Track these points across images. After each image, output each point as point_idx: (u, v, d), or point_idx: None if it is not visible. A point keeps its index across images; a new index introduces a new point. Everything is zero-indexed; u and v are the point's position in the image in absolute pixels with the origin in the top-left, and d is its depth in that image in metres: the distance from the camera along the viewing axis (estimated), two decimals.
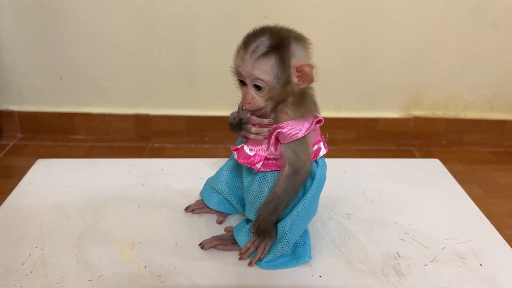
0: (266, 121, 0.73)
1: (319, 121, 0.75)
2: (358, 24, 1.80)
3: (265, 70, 0.68)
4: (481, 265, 0.79)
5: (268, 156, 0.75)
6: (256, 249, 0.77)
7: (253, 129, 0.72)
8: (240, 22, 1.77)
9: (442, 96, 1.95)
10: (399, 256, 0.80)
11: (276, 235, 0.76)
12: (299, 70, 0.70)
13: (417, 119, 1.96)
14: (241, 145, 0.76)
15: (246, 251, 0.77)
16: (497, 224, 0.92)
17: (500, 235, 0.87)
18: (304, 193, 0.76)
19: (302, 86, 0.72)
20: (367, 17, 1.79)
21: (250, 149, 0.75)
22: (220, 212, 0.89)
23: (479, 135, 1.99)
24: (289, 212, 0.75)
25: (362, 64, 1.87)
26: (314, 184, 0.75)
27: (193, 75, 1.87)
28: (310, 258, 0.78)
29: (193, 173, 1.05)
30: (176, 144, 1.91)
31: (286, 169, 0.74)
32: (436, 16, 1.80)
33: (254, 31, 0.71)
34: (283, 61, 0.68)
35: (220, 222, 0.88)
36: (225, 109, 1.88)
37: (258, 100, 0.71)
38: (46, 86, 1.87)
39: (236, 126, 0.74)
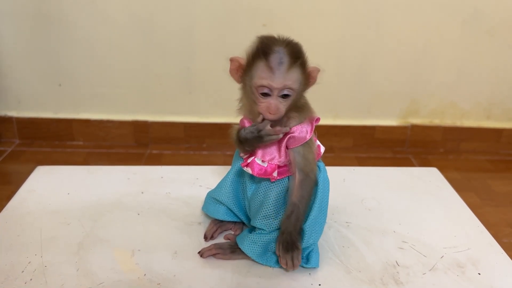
0: (287, 128, 0.74)
1: (317, 120, 0.77)
2: (356, 32, 1.81)
3: (295, 79, 0.71)
4: (479, 274, 0.79)
5: (279, 164, 0.76)
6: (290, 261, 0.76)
7: (276, 135, 0.73)
8: (239, 30, 1.78)
9: (439, 104, 1.96)
10: (398, 265, 0.81)
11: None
12: (310, 75, 0.73)
13: (414, 127, 1.97)
14: (251, 159, 0.76)
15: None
16: (494, 233, 0.92)
17: (498, 244, 0.87)
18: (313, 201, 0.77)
19: (312, 84, 0.75)
20: (364, 26, 1.80)
21: (262, 161, 0.76)
22: (233, 225, 0.89)
23: (476, 143, 2.00)
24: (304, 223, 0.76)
25: (359, 72, 1.89)
26: (319, 189, 0.77)
27: (192, 82, 1.88)
28: (318, 266, 0.79)
29: (193, 181, 1.05)
30: (174, 150, 1.91)
31: (297, 176, 0.75)
32: (433, 25, 1.81)
33: (265, 43, 0.71)
34: (305, 68, 0.72)
35: (238, 234, 0.87)
36: (223, 116, 1.90)
37: (282, 109, 0.73)
38: (45, 92, 1.87)
39: (255, 140, 0.74)
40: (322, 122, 0.77)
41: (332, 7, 1.77)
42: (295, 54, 0.71)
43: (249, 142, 0.75)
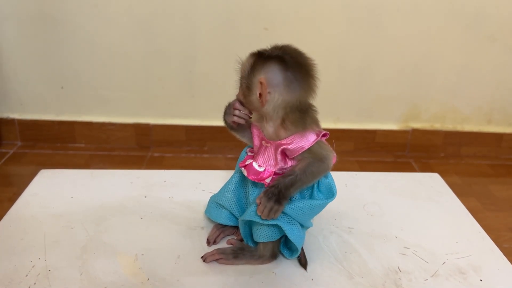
0: (246, 110, 0.78)
1: (324, 135, 0.77)
2: (358, 37, 1.82)
3: (243, 66, 0.75)
4: (481, 280, 0.80)
5: (277, 171, 0.76)
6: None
7: (236, 112, 0.79)
8: (240, 34, 1.78)
9: (440, 108, 1.96)
10: (400, 271, 0.81)
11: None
12: (261, 87, 0.72)
13: (415, 131, 1.98)
14: (249, 162, 0.77)
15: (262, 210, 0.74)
16: (494, 237, 0.93)
17: (499, 250, 0.88)
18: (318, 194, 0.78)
19: (261, 106, 0.74)
20: (366, 30, 1.81)
21: (259, 165, 0.76)
22: (236, 229, 0.89)
23: (477, 148, 2.01)
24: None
25: (361, 76, 1.89)
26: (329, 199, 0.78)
27: (193, 85, 1.88)
28: (298, 252, 0.80)
29: (195, 185, 1.05)
30: (176, 153, 1.92)
31: (308, 159, 0.75)
32: (435, 30, 1.82)
33: (276, 45, 0.75)
34: (254, 68, 0.73)
35: (241, 240, 0.87)
36: None
37: (240, 91, 0.77)
38: (47, 95, 1.88)
39: (225, 113, 0.81)
40: (323, 125, 0.77)
41: (333, 11, 1.77)
42: (260, 56, 0.73)
43: (223, 119, 0.82)
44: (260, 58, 0.72)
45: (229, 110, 0.80)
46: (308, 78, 0.73)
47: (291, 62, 0.72)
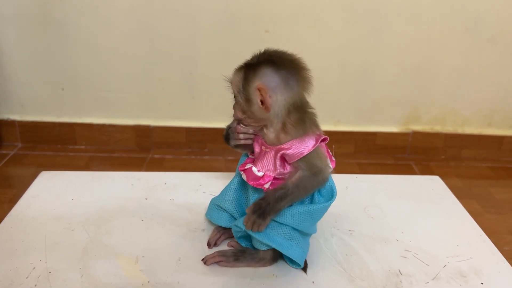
0: (251, 130, 0.78)
1: (324, 140, 0.77)
2: (358, 39, 1.82)
3: (234, 82, 0.75)
4: (482, 283, 0.80)
5: (277, 176, 0.76)
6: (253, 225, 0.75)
7: (241, 135, 0.78)
8: (242, 36, 1.79)
9: (441, 111, 1.96)
10: (401, 274, 0.81)
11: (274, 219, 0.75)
12: (261, 93, 0.71)
13: (415, 134, 1.98)
14: (249, 166, 0.77)
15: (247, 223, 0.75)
16: (495, 240, 0.92)
17: (500, 253, 0.88)
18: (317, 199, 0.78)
19: (266, 112, 0.73)
20: (366, 32, 1.81)
21: (258, 170, 0.76)
22: None
23: (477, 151, 2.01)
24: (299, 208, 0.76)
25: (361, 78, 1.89)
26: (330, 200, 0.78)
27: (194, 87, 1.88)
28: (301, 266, 0.79)
29: (196, 187, 1.05)
30: (176, 155, 1.92)
31: (301, 172, 0.75)
32: (436, 33, 1.82)
33: (257, 53, 0.74)
34: (247, 79, 0.72)
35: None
36: (225, 121, 1.89)
37: (236, 110, 0.76)
38: (48, 96, 1.88)
39: (226, 137, 0.80)
40: (324, 128, 0.77)
41: (334, 14, 1.78)
42: (249, 64, 0.73)
43: (225, 140, 0.81)
44: (249, 68, 0.72)
45: (232, 135, 0.79)
46: (301, 70, 0.73)
47: (281, 61, 0.72)
